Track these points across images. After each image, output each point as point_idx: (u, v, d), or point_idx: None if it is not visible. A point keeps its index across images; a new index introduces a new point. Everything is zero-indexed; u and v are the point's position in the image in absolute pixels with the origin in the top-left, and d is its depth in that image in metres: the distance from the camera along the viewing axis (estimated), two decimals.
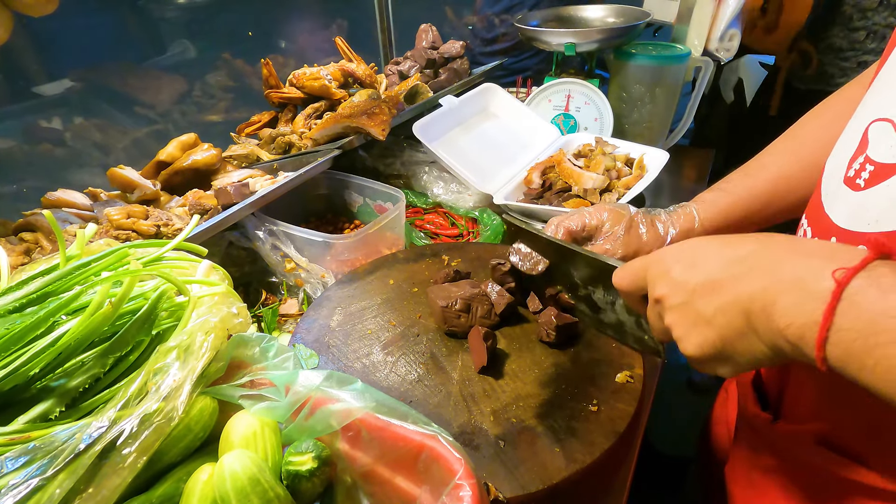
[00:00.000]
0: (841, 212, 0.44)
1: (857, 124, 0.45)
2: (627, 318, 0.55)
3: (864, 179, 0.42)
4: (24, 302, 0.43)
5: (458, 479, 0.37)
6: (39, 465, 0.33)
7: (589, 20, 1.40)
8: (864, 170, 0.42)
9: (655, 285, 0.43)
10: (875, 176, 0.41)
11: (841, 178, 0.45)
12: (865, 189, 0.41)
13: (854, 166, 0.44)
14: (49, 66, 1.04)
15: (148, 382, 0.40)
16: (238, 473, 0.38)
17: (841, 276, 0.31)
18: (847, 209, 0.43)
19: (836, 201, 0.45)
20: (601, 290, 0.57)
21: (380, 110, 0.99)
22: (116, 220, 0.73)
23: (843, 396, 0.46)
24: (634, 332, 0.56)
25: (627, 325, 0.56)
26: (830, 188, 0.47)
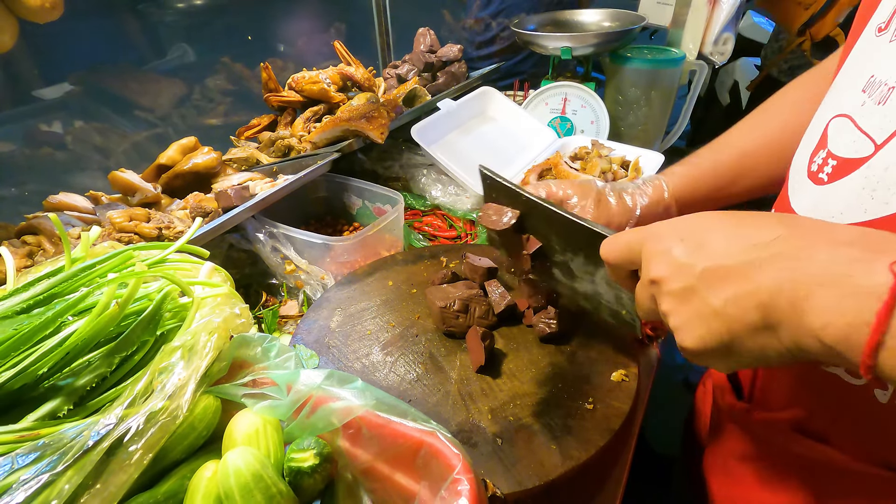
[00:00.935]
0: (804, 205, 0.44)
1: (818, 121, 0.46)
2: (606, 290, 0.52)
3: (826, 174, 0.42)
4: (32, 303, 0.44)
5: (456, 473, 0.38)
6: (49, 462, 0.34)
7: (585, 24, 1.41)
8: (827, 164, 0.42)
9: (652, 264, 0.38)
10: (838, 170, 0.41)
11: (805, 173, 0.45)
12: (830, 183, 0.41)
13: (816, 161, 0.44)
14: (50, 70, 1.05)
15: (153, 381, 0.41)
16: (241, 470, 0.39)
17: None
18: (810, 202, 0.43)
19: (800, 195, 0.45)
20: (581, 259, 0.53)
21: (378, 114, 1.00)
22: (119, 223, 0.74)
23: (817, 383, 0.47)
24: (611, 305, 0.53)
25: (605, 297, 0.53)
26: (796, 182, 0.47)
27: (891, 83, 0.38)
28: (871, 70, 0.41)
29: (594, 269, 0.52)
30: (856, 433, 0.46)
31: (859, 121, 0.40)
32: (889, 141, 0.37)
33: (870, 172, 0.38)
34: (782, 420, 0.51)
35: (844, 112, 0.42)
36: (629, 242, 0.42)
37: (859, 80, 0.42)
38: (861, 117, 0.40)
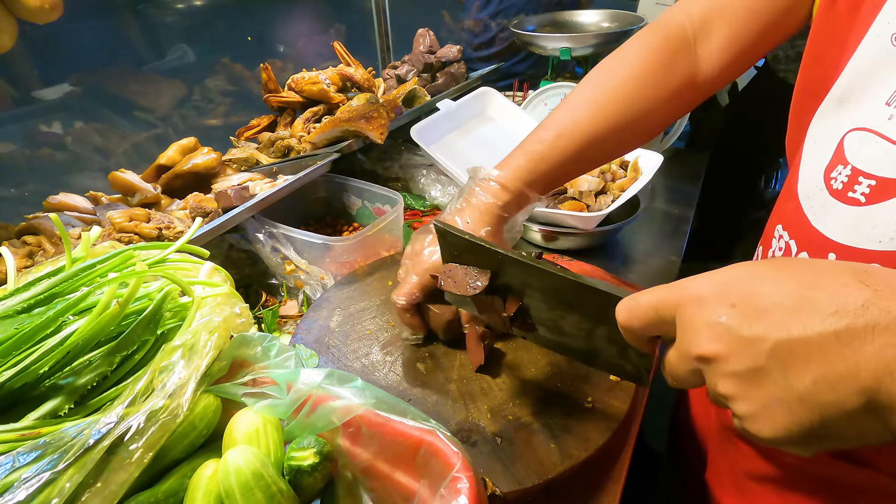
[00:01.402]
0: (835, 227, 0.41)
1: (830, 133, 0.44)
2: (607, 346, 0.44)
3: (863, 194, 0.38)
4: (32, 303, 0.44)
5: (455, 472, 0.38)
6: (50, 460, 0.34)
7: (584, 25, 1.42)
8: (860, 183, 0.39)
9: (698, 336, 0.30)
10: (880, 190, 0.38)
11: (823, 189, 0.42)
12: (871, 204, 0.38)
13: (838, 178, 0.41)
14: (49, 70, 1.05)
15: (154, 380, 0.41)
16: (242, 468, 0.39)
17: None
18: (844, 224, 0.40)
19: (826, 215, 0.42)
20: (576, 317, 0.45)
21: (378, 114, 1.01)
22: (119, 223, 0.74)
23: None
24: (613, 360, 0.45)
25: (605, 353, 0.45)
26: (816, 201, 0.44)
27: None
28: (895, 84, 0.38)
29: (592, 328, 0.45)
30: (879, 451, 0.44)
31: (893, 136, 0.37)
32: None
33: None
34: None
35: (865, 126, 0.40)
36: (657, 307, 0.34)
37: (881, 92, 0.39)
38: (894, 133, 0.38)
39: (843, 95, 0.43)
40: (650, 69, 0.59)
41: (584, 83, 0.62)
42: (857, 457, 0.45)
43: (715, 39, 0.58)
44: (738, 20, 0.56)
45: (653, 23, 0.63)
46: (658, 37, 0.60)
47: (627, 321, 0.36)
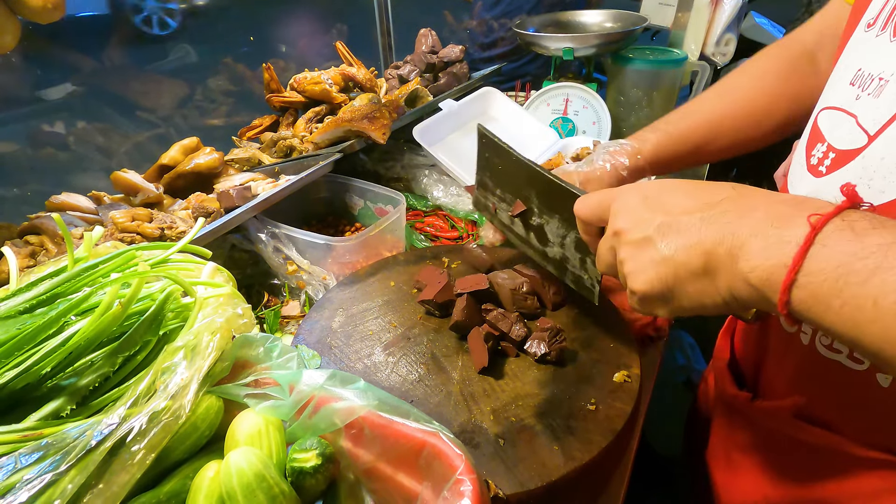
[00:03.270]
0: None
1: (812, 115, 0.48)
2: (573, 254, 0.56)
3: (825, 166, 0.44)
4: (35, 303, 0.44)
5: (458, 474, 0.38)
6: (52, 461, 0.34)
7: (587, 25, 1.41)
8: (827, 157, 0.44)
9: (617, 217, 0.43)
10: (836, 162, 0.42)
11: (804, 165, 0.47)
12: (827, 175, 0.43)
13: (816, 154, 0.45)
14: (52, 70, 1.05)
15: (156, 381, 0.41)
16: (244, 470, 0.39)
17: (816, 220, 0.31)
18: (809, 193, 0.45)
19: (800, 188, 0.47)
20: (556, 221, 0.57)
21: (380, 114, 1.00)
22: (121, 223, 0.74)
23: (819, 370, 0.48)
24: (576, 270, 0.57)
25: (571, 261, 0.57)
26: (796, 176, 0.49)
27: (884, 76, 0.39)
28: (859, 64, 0.43)
29: (566, 233, 0.56)
30: (858, 418, 0.47)
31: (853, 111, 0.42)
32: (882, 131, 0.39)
33: (865, 162, 0.40)
34: (784, 408, 0.52)
35: (833, 105, 0.44)
36: (600, 200, 0.46)
37: (846, 74, 0.44)
38: (854, 109, 0.42)
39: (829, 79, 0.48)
40: (772, 69, 0.65)
41: (715, 84, 0.69)
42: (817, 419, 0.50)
43: (827, 54, 0.62)
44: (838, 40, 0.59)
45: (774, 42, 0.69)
46: (778, 47, 0.67)
47: (580, 211, 0.48)
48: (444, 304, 0.69)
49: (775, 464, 0.54)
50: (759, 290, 0.33)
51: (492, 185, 0.70)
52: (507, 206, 0.67)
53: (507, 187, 0.67)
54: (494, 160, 0.66)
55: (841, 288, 0.30)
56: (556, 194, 0.56)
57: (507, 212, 0.67)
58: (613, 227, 0.43)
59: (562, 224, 0.57)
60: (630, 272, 0.41)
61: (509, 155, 0.62)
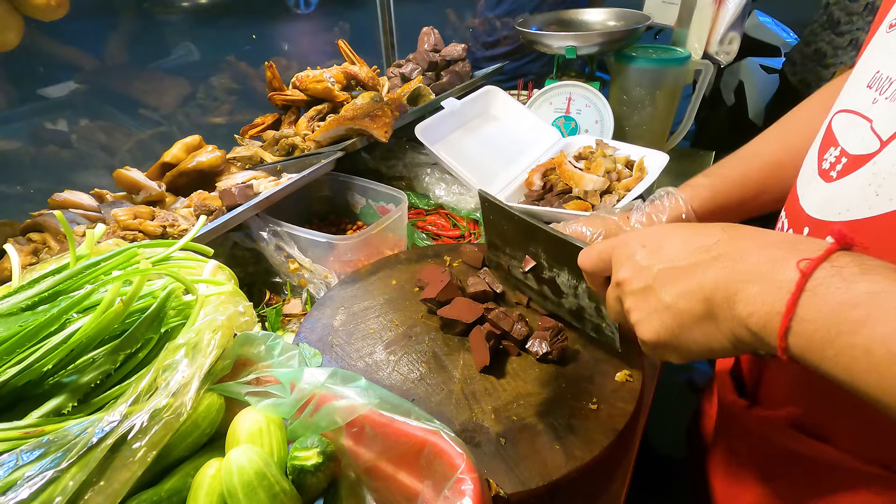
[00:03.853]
0: (814, 203, 0.45)
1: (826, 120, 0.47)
2: (588, 303, 0.57)
3: (837, 171, 0.43)
4: (37, 300, 0.44)
5: (459, 473, 0.38)
6: (53, 458, 0.34)
7: (590, 23, 1.41)
8: (839, 162, 0.43)
9: (619, 268, 0.43)
10: (847, 167, 0.42)
11: (815, 169, 0.46)
12: (837, 180, 0.42)
13: (828, 158, 0.45)
14: (55, 68, 1.05)
15: (157, 379, 0.41)
16: (245, 468, 0.39)
17: (805, 266, 0.31)
18: (819, 200, 0.44)
19: (809, 193, 0.46)
20: (566, 273, 0.58)
21: (382, 112, 1.00)
22: (123, 221, 0.74)
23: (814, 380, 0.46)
24: (593, 318, 0.58)
25: (587, 311, 0.58)
26: (805, 180, 0.48)
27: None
28: (878, 65, 0.41)
29: (577, 283, 0.57)
30: (853, 431, 0.46)
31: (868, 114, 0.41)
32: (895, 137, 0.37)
33: (876, 169, 0.38)
34: (780, 417, 0.51)
35: (848, 108, 0.43)
36: (601, 251, 0.47)
37: (864, 76, 0.43)
38: (870, 113, 0.41)
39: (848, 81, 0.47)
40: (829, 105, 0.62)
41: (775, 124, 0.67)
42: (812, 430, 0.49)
43: None
44: None
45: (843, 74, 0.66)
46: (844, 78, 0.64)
47: (583, 264, 0.49)
48: (445, 302, 0.69)
49: (770, 475, 0.54)
50: (758, 335, 0.33)
51: (500, 245, 0.72)
52: (518, 262, 0.69)
53: (515, 245, 0.68)
54: (499, 221, 0.68)
55: (833, 338, 0.30)
56: (560, 248, 0.58)
57: (519, 268, 0.69)
58: (616, 278, 0.44)
59: (571, 275, 0.58)
60: (637, 321, 0.42)
61: (511, 215, 0.64)
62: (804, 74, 1.47)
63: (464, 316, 0.66)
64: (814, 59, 1.45)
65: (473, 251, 0.81)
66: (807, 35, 1.51)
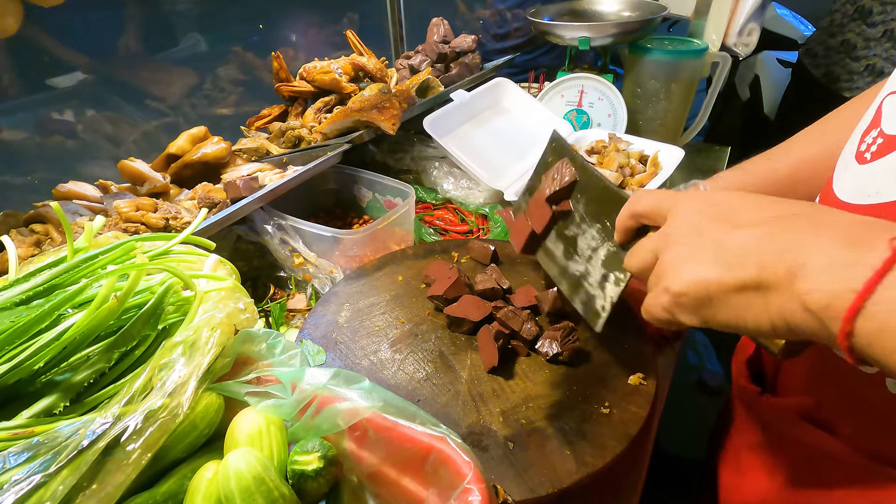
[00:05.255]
0: (845, 187, 0.43)
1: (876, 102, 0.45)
2: (597, 269, 0.54)
3: (871, 153, 0.40)
4: (31, 294, 0.43)
5: (467, 483, 0.36)
6: (42, 461, 0.32)
7: (603, 14, 1.37)
8: (875, 143, 0.41)
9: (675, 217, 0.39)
10: (882, 148, 0.39)
11: (853, 154, 0.44)
12: (871, 161, 0.40)
13: (867, 140, 0.42)
14: (61, 58, 1.04)
15: (153, 378, 0.39)
16: (243, 472, 0.37)
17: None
18: (851, 183, 0.42)
19: (843, 176, 0.44)
20: (593, 231, 0.55)
21: (390, 105, 0.98)
22: (125, 213, 0.73)
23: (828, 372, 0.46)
24: (591, 289, 0.55)
25: (590, 279, 0.55)
26: (842, 164, 0.46)
27: None
28: None
29: (598, 245, 0.54)
30: (862, 425, 0.45)
31: None
32: None
33: None
34: (790, 407, 0.50)
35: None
36: (660, 198, 0.42)
37: None
38: None
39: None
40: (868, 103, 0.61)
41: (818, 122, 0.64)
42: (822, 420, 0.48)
43: None
44: None
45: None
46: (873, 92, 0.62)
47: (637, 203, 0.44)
48: (453, 300, 0.67)
49: (778, 466, 0.52)
50: (816, 315, 0.30)
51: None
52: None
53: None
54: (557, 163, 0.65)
55: None
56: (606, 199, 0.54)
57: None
58: (667, 229, 0.39)
59: (598, 234, 0.55)
60: (670, 269, 0.37)
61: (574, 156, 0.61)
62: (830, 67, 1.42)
63: (471, 314, 0.64)
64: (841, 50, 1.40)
65: (482, 247, 0.79)
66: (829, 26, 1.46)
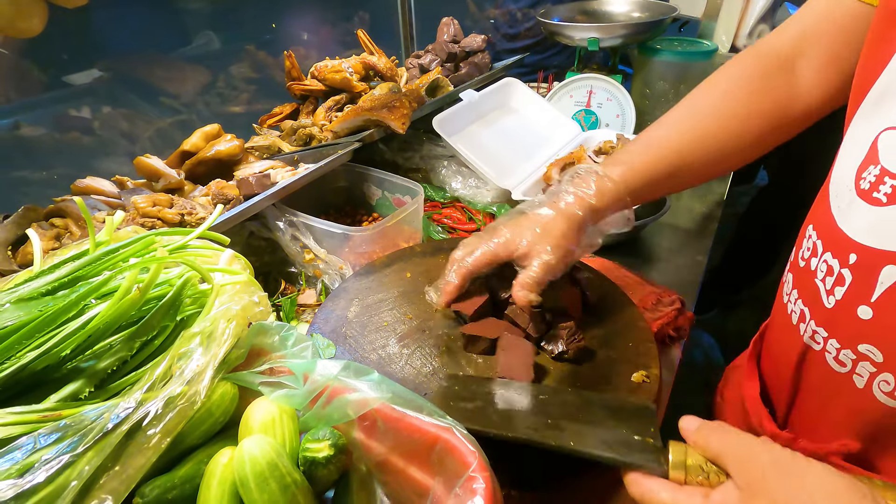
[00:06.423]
0: (858, 227, 0.42)
1: (864, 133, 0.43)
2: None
3: (885, 194, 0.39)
4: (56, 285, 0.45)
5: (471, 471, 0.37)
6: (70, 442, 0.34)
7: (613, 14, 1.38)
8: (884, 183, 0.39)
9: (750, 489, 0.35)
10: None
11: (852, 190, 0.43)
12: (891, 204, 0.39)
13: (867, 178, 0.41)
14: (78, 55, 1.07)
15: (172, 366, 0.41)
16: (257, 458, 0.39)
17: None
18: (867, 224, 0.41)
19: (850, 216, 0.43)
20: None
21: (400, 104, 1.00)
22: (143, 208, 0.75)
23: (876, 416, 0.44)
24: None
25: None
26: (843, 200, 0.44)
27: None
28: None
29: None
30: None
31: None
32: None
33: None
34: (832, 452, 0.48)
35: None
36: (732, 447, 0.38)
37: None
38: None
39: (879, 97, 0.43)
40: (743, 86, 0.60)
41: (679, 103, 0.64)
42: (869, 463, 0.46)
43: (810, 60, 0.57)
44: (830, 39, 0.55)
45: (747, 48, 0.63)
46: (750, 56, 0.61)
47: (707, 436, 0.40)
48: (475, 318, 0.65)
49: None
50: None
51: None
52: None
53: None
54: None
55: None
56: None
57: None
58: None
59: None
60: None
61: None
62: None
63: (489, 332, 0.62)
64: None
65: None
66: None
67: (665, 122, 0.63)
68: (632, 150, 0.62)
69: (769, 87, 0.59)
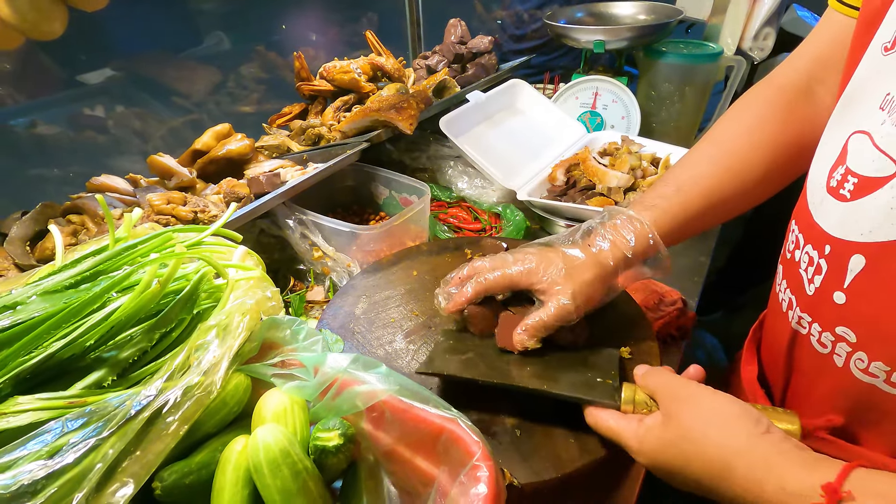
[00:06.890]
0: (832, 222, 0.45)
1: (836, 135, 0.46)
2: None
3: (848, 191, 0.43)
4: (79, 279, 0.47)
5: (475, 460, 0.39)
6: (95, 427, 0.36)
7: (619, 17, 1.39)
8: (847, 181, 0.43)
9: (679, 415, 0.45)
10: (860, 188, 0.42)
11: (824, 188, 0.46)
12: (853, 200, 0.42)
13: (835, 176, 0.45)
14: (93, 56, 1.09)
15: (190, 357, 0.43)
16: (271, 445, 0.41)
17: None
18: (836, 219, 0.44)
19: (823, 210, 0.46)
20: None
21: (407, 104, 1.01)
22: (157, 206, 0.77)
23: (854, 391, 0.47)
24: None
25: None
26: (816, 197, 0.48)
27: None
28: (886, 88, 0.41)
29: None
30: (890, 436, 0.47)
31: (878, 140, 0.41)
32: None
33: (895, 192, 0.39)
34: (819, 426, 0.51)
35: (864, 129, 0.43)
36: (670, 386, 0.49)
37: (875, 97, 0.42)
38: (880, 136, 0.41)
39: (848, 100, 0.46)
40: (767, 117, 0.60)
41: (702, 139, 0.64)
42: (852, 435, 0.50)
43: (829, 86, 0.58)
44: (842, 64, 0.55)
45: (761, 81, 0.63)
46: (771, 88, 0.62)
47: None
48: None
49: None
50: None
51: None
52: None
53: None
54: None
55: None
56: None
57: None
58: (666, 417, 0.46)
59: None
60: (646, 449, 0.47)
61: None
62: None
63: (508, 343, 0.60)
64: None
65: (494, 245, 0.82)
66: None
67: (692, 162, 0.62)
68: (663, 194, 0.60)
69: (794, 118, 0.59)
